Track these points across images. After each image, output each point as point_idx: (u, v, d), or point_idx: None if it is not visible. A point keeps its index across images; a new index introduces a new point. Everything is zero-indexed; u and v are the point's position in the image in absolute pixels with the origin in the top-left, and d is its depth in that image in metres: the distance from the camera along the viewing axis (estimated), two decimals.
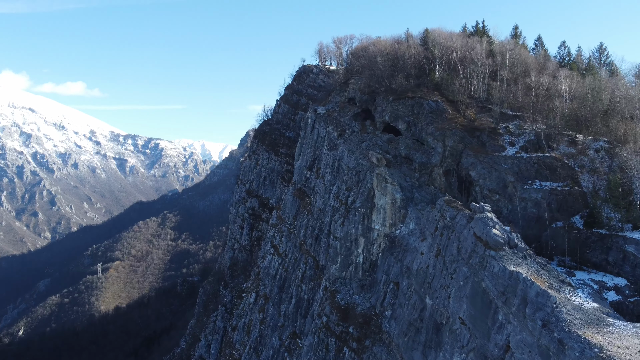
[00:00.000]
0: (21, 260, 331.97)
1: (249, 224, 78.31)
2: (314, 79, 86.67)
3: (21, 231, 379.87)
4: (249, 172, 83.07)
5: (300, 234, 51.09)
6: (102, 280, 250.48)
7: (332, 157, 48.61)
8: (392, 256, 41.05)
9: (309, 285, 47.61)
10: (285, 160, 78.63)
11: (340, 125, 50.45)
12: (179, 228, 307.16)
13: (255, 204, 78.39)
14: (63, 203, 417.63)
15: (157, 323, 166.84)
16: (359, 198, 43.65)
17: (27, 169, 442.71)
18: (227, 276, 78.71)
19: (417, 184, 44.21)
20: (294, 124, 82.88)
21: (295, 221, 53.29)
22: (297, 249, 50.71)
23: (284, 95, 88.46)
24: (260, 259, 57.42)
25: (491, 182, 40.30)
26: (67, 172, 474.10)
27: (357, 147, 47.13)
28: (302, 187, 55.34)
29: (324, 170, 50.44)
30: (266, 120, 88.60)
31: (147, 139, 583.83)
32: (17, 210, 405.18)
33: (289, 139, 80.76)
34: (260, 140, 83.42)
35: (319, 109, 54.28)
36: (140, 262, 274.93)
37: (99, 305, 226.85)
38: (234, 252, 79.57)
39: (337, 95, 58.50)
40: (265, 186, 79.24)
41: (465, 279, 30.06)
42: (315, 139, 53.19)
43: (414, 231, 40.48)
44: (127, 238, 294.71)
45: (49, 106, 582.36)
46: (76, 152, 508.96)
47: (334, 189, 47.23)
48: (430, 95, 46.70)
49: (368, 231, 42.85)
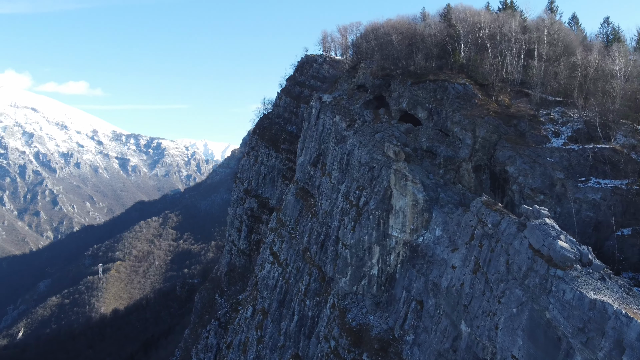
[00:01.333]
0: (22, 260, 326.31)
1: (248, 226, 70.98)
2: (317, 69, 79.32)
3: (23, 231, 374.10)
4: (247, 170, 75.71)
5: (304, 240, 43.72)
6: (102, 280, 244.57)
7: (340, 151, 41.26)
8: (413, 269, 33.64)
9: (314, 301, 40.19)
10: (286, 156, 71.27)
11: (349, 114, 43.14)
12: (180, 228, 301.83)
13: (254, 204, 71.05)
14: (65, 203, 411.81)
15: (156, 327, 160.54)
16: (373, 199, 36.24)
17: (30, 169, 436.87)
18: (223, 283, 71.43)
19: (441, 182, 36.75)
20: (296, 117, 75.52)
21: (298, 225, 45.97)
22: (299, 258, 43.33)
23: (285, 87, 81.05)
24: (258, 267, 50.15)
25: (534, 180, 32.80)
26: (70, 171, 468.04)
27: (370, 139, 39.73)
28: (305, 186, 48.01)
29: (330, 166, 43.11)
30: (266, 114, 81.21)
31: (149, 138, 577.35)
32: (20, 210, 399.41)
33: (290, 134, 73.38)
34: (260, 135, 76.04)
35: (325, 97, 46.93)
36: (141, 262, 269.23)
37: (100, 306, 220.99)
38: (232, 256, 72.27)
39: (344, 82, 51.19)
40: (265, 185, 71.94)
41: (520, 306, 22.69)
42: (321, 130, 45.86)
43: (441, 239, 33.03)
44: (128, 238, 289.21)
45: (51, 106, 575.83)
46: (78, 151, 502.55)
47: (342, 188, 39.88)
48: (456, 77, 39.27)
49: (384, 238, 35.44)
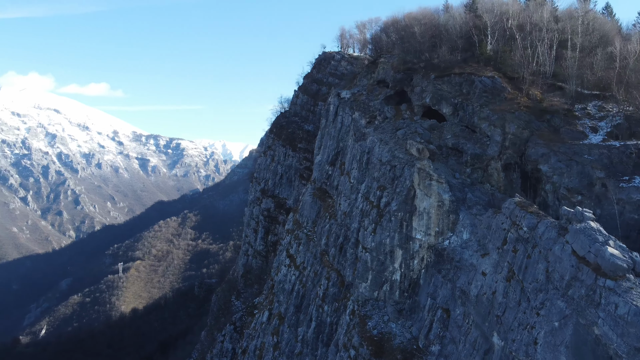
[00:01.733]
0: (45, 259, 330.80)
1: (264, 227, 69.22)
2: (335, 66, 77.19)
3: (46, 230, 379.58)
4: (264, 169, 73.96)
5: (321, 243, 41.66)
6: (123, 279, 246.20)
7: (360, 149, 39.11)
8: (439, 274, 31.31)
9: (332, 307, 38.09)
10: (303, 156, 69.30)
11: (369, 110, 40.98)
12: (199, 228, 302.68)
13: (271, 204, 69.24)
14: (87, 202, 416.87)
15: (174, 327, 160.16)
16: (395, 199, 33.99)
17: (52, 169, 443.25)
18: (240, 285, 69.81)
19: (468, 182, 34.31)
20: (313, 115, 73.53)
21: (315, 227, 43.94)
22: (317, 261, 41.28)
23: (302, 85, 79.13)
24: (274, 270, 48.23)
25: (571, 179, 30.18)
26: (91, 171, 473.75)
27: (391, 136, 37.49)
28: (323, 185, 45.95)
29: (349, 165, 40.97)
30: (283, 113, 79.36)
31: (168, 139, 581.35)
32: (43, 209, 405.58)
33: (308, 133, 71.40)
34: (276, 134, 74.22)
35: (343, 93, 44.83)
36: (160, 261, 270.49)
37: (120, 305, 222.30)
38: (248, 258, 70.59)
39: (363, 77, 49.02)
40: (281, 185, 70.09)
41: (564, 319, 20.29)
42: (339, 128, 43.76)
43: (469, 243, 30.64)
44: (147, 237, 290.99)
45: (73, 107, 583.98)
46: (99, 152, 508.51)
47: (362, 188, 37.71)
48: (483, 70, 36.78)
49: (407, 241, 33.17)
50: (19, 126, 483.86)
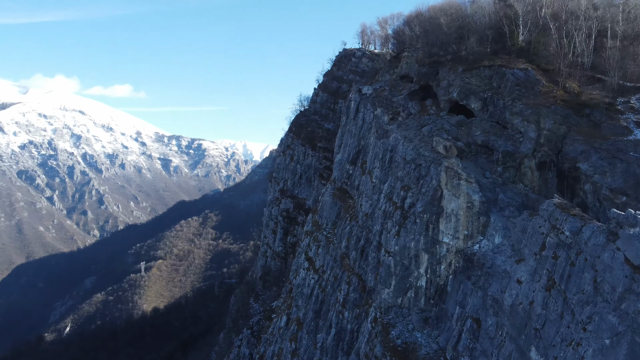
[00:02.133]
0: (70, 257, 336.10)
1: (283, 228, 67.50)
2: (356, 63, 75.06)
3: (71, 229, 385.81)
4: (283, 169, 72.25)
5: (342, 245, 39.60)
6: (145, 278, 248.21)
7: (382, 147, 36.96)
8: (468, 281, 28.99)
9: (353, 313, 36.01)
10: (323, 155, 67.38)
11: (392, 106, 38.82)
12: (219, 227, 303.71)
13: (290, 205, 67.46)
14: (111, 202, 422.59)
15: (194, 326, 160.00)
16: (421, 200, 31.74)
17: (77, 169, 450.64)
18: (258, 287, 68.21)
19: (499, 182, 31.86)
20: (333, 114, 71.54)
21: (335, 228, 41.92)
22: (337, 265, 39.23)
23: (322, 83, 77.19)
24: (292, 273, 46.39)
25: (614, 178, 27.55)
26: (115, 172, 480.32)
27: (416, 133, 35.24)
28: (343, 185, 43.89)
29: (371, 164, 38.85)
30: (302, 111, 77.55)
31: (190, 139, 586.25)
32: (68, 209, 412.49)
33: (327, 131, 69.44)
34: (296, 133, 72.44)
35: (364, 89, 42.75)
36: (182, 261, 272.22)
37: (142, 304, 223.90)
38: (266, 259, 68.98)
39: (385, 73, 46.86)
40: (301, 185, 68.26)
41: (616, 337, 17.89)
42: (360, 125, 41.68)
43: (502, 247, 28.23)
44: (169, 237, 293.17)
45: (98, 108, 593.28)
46: (123, 152, 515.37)
47: (385, 188, 35.55)
48: (515, 62, 34.25)
49: (433, 245, 30.90)
50: (45, 127, 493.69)
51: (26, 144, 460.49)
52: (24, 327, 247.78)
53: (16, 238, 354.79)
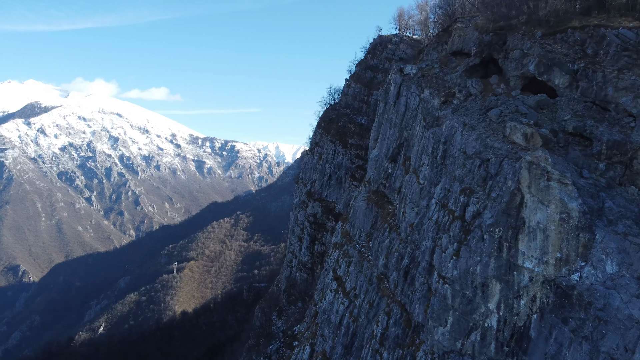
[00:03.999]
0: (106, 257, 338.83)
1: (310, 235, 59.17)
2: (392, 50, 66.10)
3: (108, 229, 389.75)
4: (310, 169, 63.89)
5: (379, 264, 30.83)
6: (177, 279, 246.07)
7: (433, 139, 28.10)
8: (564, 326, 19.80)
9: (395, 354, 27.16)
10: (355, 153, 58.73)
11: (444, 87, 29.95)
12: (251, 229, 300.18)
13: (318, 209, 59.07)
14: (146, 203, 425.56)
15: (222, 332, 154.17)
16: (490, 208, 22.69)
17: (115, 171, 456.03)
18: (282, 300, 60.08)
19: (602, 183, 22.42)
20: (367, 107, 62.79)
21: (370, 241, 33.24)
22: (373, 288, 30.47)
23: (354, 73, 68.45)
24: (318, 293, 37.92)
25: None
26: (150, 173, 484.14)
27: (480, 118, 26.17)
28: (380, 187, 35.12)
29: (417, 160, 30.01)
30: (332, 105, 68.99)
31: (223, 141, 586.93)
32: (105, 209, 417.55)
33: (360, 127, 60.75)
34: (325, 129, 63.98)
35: (407, 69, 33.96)
36: (213, 262, 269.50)
37: (174, 304, 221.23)
38: (291, 270, 60.79)
39: (432, 50, 37.94)
40: (330, 187, 59.79)
41: None
42: (402, 112, 32.86)
43: (620, 280, 18.89)
44: (201, 238, 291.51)
45: (135, 111, 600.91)
46: (158, 154, 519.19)
47: (437, 192, 26.65)
48: (618, 20, 24.89)
49: (510, 271, 21.80)
50: (84, 130, 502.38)
51: (66, 146, 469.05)
52: (62, 325, 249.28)
53: (56, 237, 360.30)
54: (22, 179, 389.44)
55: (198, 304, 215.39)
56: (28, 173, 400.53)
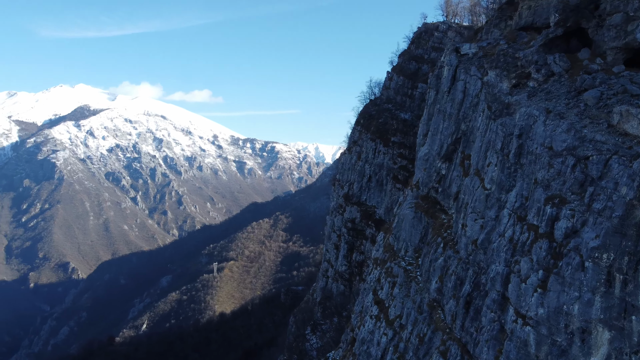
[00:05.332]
0: (149, 255, 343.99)
1: (348, 242, 53.25)
2: (439, 38, 59.32)
3: (152, 228, 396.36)
4: (348, 170, 57.93)
5: (431, 287, 24.60)
6: (217, 279, 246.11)
7: (502, 131, 21.74)
8: None
9: None
10: (398, 152, 52.36)
11: (514, 66, 23.48)
12: (290, 230, 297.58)
13: (356, 214, 53.08)
14: (189, 203, 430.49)
15: (259, 335, 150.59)
16: (594, 225, 16.18)
17: (159, 171, 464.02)
18: (317, 314, 54.44)
19: None
20: (411, 101, 56.28)
21: (420, 258, 27.07)
22: (424, 318, 24.27)
23: (397, 65, 61.98)
24: (355, 316, 31.84)
25: None
26: (193, 174, 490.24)
27: (570, 102, 19.60)
28: (431, 192, 28.82)
29: (480, 159, 23.66)
30: (372, 100, 62.73)
31: (264, 142, 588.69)
32: (150, 209, 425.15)
33: (404, 123, 54.33)
34: (364, 126, 57.88)
35: (465, 47, 27.55)
36: (252, 262, 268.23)
37: (214, 304, 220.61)
38: (327, 280, 55.05)
39: (493, 28, 31.34)
40: (369, 189, 53.69)
41: None
42: (460, 100, 26.51)
43: None
44: (241, 238, 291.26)
45: (178, 113, 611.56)
46: (201, 155, 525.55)
47: (510, 200, 20.26)
48: None
49: (625, 315, 15.26)
50: (130, 132, 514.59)
51: (113, 147, 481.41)
52: (107, 321, 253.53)
53: (103, 236, 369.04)
54: (72, 179, 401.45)
55: (237, 304, 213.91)
56: (77, 173, 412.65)
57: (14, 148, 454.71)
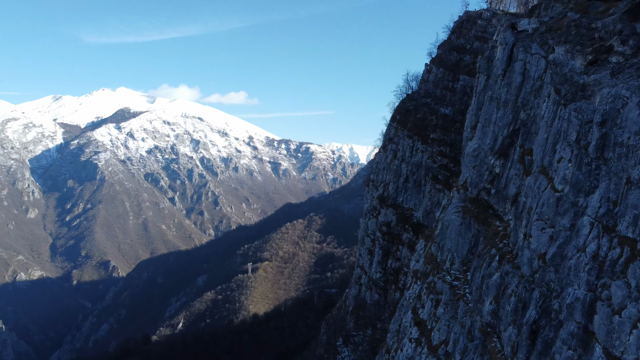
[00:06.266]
0: (186, 255, 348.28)
1: (382, 247, 48.96)
2: (483, 26, 54.23)
3: (190, 228, 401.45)
4: (382, 169, 53.57)
5: (483, 309, 20.23)
6: (251, 279, 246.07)
7: (578, 118, 17.30)
8: None
9: None
10: (438, 149, 47.71)
11: (589, 39, 18.93)
12: (324, 231, 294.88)
13: (392, 217, 48.71)
14: (225, 203, 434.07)
15: (292, 338, 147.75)
16: None
17: (196, 172, 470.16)
18: (349, 324, 50.39)
19: None
20: (452, 94, 51.46)
21: (469, 272, 22.73)
22: (475, 347, 19.92)
23: (436, 56, 57.17)
24: (391, 336, 27.54)
25: None
26: (229, 175, 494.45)
27: None
28: (482, 194, 24.34)
29: (546, 153, 19.20)
30: (409, 95, 58.12)
31: (298, 143, 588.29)
32: (187, 209, 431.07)
33: (444, 118, 49.60)
34: (400, 122, 53.39)
35: (522, 23, 22.97)
36: (287, 263, 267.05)
37: (248, 304, 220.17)
38: (360, 288, 50.87)
39: (554, 1, 26.71)
40: (406, 191, 49.24)
41: None
42: (518, 84, 22.00)
43: None
44: (275, 239, 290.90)
45: (214, 115, 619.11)
46: (236, 156, 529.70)
47: (592, 204, 15.83)
48: None
49: None
50: (168, 133, 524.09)
51: (152, 148, 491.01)
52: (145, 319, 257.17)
53: (142, 235, 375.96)
54: (113, 179, 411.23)
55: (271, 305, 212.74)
56: (118, 174, 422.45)
57: (59, 150, 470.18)
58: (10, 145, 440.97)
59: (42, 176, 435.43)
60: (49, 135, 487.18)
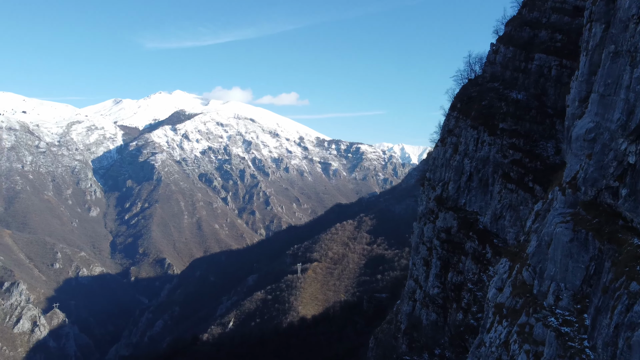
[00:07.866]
0: (237, 254, 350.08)
1: (441, 257, 41.01)
2: None
3: (241, 228, 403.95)
4: (440, 166, 45.45)
5: None
6: (301, 280, 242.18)
7: None
8: None
9: None
10: (509, 142, 39.14)
11: None
12: (374, 232, 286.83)
13: (452, 222, 40.64)
14: (275, 203, 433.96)
15: (340, 343, 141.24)
16: None
17: (247, 173, 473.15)
18: (401, 345, 42.73)
19: None
20: (525, 77, 42.65)
21: (587, 311, 14.93)
22: None
23: (504, 34, 48.28)
24: None
25: None
26: (280, 175, 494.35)
27: None
28: (602, 197, 16.36)
29: None
30: (472, 80, 49.52)
31: (348, 143, 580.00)
32: (239, 209, 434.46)
33: (516, 105, 40.93)
34: (462, 111, 45.11)
35: None
36: (336, 264, 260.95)
37: (297, 305, 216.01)
38: (414, 305, 43.02)
39: None
40: (470, 191, 41.02)
41: None
42: None
43: None
44: (325, 240, 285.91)
45: (266, 116, 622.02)
46: (287, 157, 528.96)
47: None
48: None
49: None
50: (221, 135, 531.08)
51: (206, 149, 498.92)
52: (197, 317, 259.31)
53: (196, 234, 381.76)
54: (169, 180, 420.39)
55: (320, 307, 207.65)
56: (174, 175, 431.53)
57: (119, 151, 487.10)
58: (75, 147, 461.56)
59: (104, 176, 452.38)
60: (110, 137, 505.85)
